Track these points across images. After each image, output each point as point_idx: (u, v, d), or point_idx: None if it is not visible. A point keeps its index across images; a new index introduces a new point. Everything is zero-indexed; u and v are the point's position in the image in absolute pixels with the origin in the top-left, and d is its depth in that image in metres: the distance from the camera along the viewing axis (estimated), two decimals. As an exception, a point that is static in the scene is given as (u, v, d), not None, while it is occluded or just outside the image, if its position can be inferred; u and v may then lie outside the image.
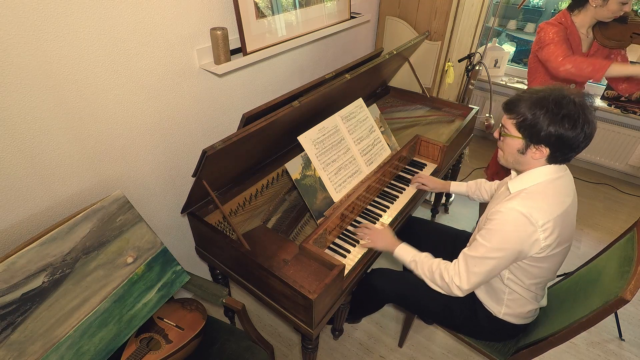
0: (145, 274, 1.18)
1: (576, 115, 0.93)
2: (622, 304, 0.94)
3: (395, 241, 1.28)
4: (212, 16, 1.36)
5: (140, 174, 1.36)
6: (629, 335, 1.83)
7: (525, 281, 1.11)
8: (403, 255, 1.25)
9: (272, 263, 1.20)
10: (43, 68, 0.98)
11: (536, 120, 0.97)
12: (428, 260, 1.19)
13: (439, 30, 2.13)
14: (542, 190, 1.01)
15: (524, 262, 1.06)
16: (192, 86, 1.40)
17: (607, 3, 1.56)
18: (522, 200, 1.00)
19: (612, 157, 2.85)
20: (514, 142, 1.04)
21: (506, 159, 1.11)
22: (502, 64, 3.06)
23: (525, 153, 1.03)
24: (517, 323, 1.22)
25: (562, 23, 1.67)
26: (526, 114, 0.98)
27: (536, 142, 1.00)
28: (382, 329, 1.82)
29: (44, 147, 1.06)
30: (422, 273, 1.19)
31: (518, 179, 1.07)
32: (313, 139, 1.40)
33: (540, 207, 0.98)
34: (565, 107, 0.94)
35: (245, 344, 1.26)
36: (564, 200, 1.02)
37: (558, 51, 1.60)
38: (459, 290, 1.11)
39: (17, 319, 0.93)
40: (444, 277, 1.12)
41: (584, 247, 2.31)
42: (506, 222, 1.00)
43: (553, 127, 0.95)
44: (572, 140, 0.96)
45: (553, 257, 1.05)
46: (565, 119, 0.94)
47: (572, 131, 0.94)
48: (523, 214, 0.98)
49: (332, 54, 2.11)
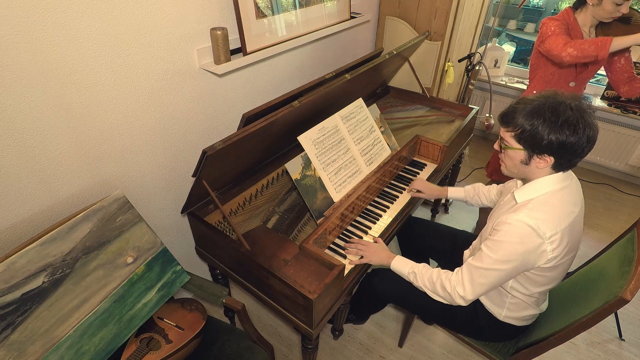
0: (145, 274, 1.18)
1: (575, 120, 0.91)
2: (622, 304, 0.94)
3: (390, 254, 1.27)
4: (212, 16, 1.36)
5: (140, 174, 1.36)
6: (629, 335, 1.83)
7: (530, 288, 1.11)
8: (400, 267, 1.23)
9: (272, 263, 1.20)
10: (43, 68, 0.98)
11: (535, 130, 0.94)
12: (427, 270, 1.17)
13: (439, 30, 2.13)
14: (549, 201, 0.99)
15: (530, 271, 1.06)
16: (192, 86, 1.40)
17: (602, 3, 1.57)
18: (530, 211, 0.97)
19: (612, 157, 2.85)
20: (515, 154, 1.02)
21: (510, 171, 1.08)
22: (502, 64, 3.06)
23: (529, 164, 1.01)
24: (518, 325, 1.22)
25: (564, 19, 1.70)
26: (524, 125, 0.96)
27: (539, 152, 0.97)
28: (382, 329, 1.82)
29: (44, 147, 1.06)
30: (422, 284, 1.17)
31: (524, 189, 1.05)
32: (313, 139, 1.40)
33: (548, 218, 0.96)
34: (563, 114, 0.92)
35: (245, 344, 1.26)
36: (572, 210, 1.00)
37: (558, 39, 1.62)
38: (462, 300, 1.09)
39: (17, 319, 0.93)
40: (445, 287, 1.11)
41: (584, 247, 2.31)
42: (513, 234, 0.98)
43: (554, 135, 0.92)
44: (576, 146, 0.93)
45: (560, 266, 1.05)
46: (565, 126, 0.91)
47: (574, 136, 0.92)
48: (530, 226, 0.96)
49: (332, 54, 2.11)
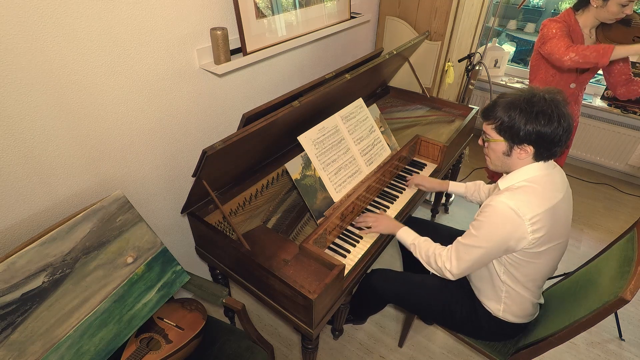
0: (145, 274, 1.18)
1: (549, 110, 0.98)
2: (622, 304, 0.94)
3: (398, 224, 1.34)
4: (212, 16, 1.36)
5: (140, 174, 1.36)
6: (629, 335, 1.83)
7: (520, 278, 1.13)
8: (405, 237, 1.30)
9: (272, 263, 1.20)
10: (43, 68, 0.98)
11: (513, 121, 1.01)
12: (426, 244, 1.24)
13: (439, 30, 2.13)
14: (530, 186, 1.05)
15: (517, 257, 1.09)
16: (192, 86, 1.40)
17: (607, 4, 1.57)
18: (511, 194, 1.04)
19: (612, 157, 2.85)
20: (497, 146, 1.09)
21: (494, 164, 1.15)
22: (502, 64, 3.06)
23: (511, 155, 1.07)
24: (517, 322, 1.23)
25: (565, 21, 1.69)
26: (502, 117, 1.03)
27: (518, 142, 1.04)
28: (382, 329, 1.82)
29: (44, 147, 1.06)
30: (419, 256, 1.25)
31: (507, 177, 1.12)
32: (313, 139, 1.40)
33: (528, 200, 1.01)
34: (537, 105, 0.99)
35: (245, 344, 1.26)
36: (554, 196, 1.04)
37: (560, 43, 1.62)
38: (449, 273, 1.16)
39: (17, 319, 0.94)
40: (437, 261, 1.18)
41: (584, 247, 2.31)
42: (495, 215, 1.04)
43: (530, 125, 0.99)
44: (552, 135, 0.99)
45: (547, 253, 1.07)
46: (540, 115, 0.98)
47: (549, 126, 0.98)
48: (511, 207, 1.01)
49: (332, 54, 2.11)
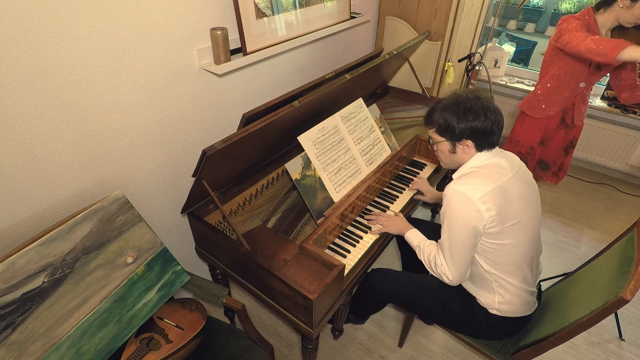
0: (145, 274, 1.18)
1: (475, 107, 1.09)
2: (622, 304, 0.94)
3: (408, 225, 1.39)
4: (212, 16, 1.36)
5: (140, 174, 1.36)
6: (629, 335, 1.83)
7: (502, 264, 1.16)
8: (412, 239, 1.35)
9: (272, 263, 1.20)
10: (43, 68, 0.98)
11: (447, 122, 1.13)
12: (429, 248, 1.27)
13: (439, 30, 2.14)
14: (476, 171, 1.14)
15: (486, 241, 1.13)
16: (192, 86, 1.40)
17: (635, 6, 1.57)
18: (458, 179, 1.14)
19: (612, 157, 2.85)
20: (443, 147, 1.19)
21: (445, 163, 1.25)
22: (502, 64, 3.06)
23: (456, 151, 1.17)
24: (515, 315, 1.22)
25: (585, 19, 1.70)
26: (439, 120, 1.15)
27: (457, 139, 1.14)
28: (382, 329, 1.82)
29: (44, 147, 1.06)
30: (422, 259, 1.28)
31: (459, 170, 1.21)
32: (313, 139, 1.40)
33: (475, 182, 1.10)
34: (463, 104, 1.10)
35: (245, 344, 1.26)
36: (500, 177, 1.11)
37: (580, 33, 1.63)
38: (447, 278, 1.19)
39: (17, 319, 0.94)
40: (437, 268, 1.22)
41: (584, 247, 2.31)
42: (450, 202, 1.12)
43: (462, 123, 1.10)
44: (484, 128, 1.09)
45: (510, 233, 1.11)
46: (468, 112, 1.09)
47: (478, 121, 1.09)
48: (460, 191, 1.09)
49: (332, 54, 2.11)
